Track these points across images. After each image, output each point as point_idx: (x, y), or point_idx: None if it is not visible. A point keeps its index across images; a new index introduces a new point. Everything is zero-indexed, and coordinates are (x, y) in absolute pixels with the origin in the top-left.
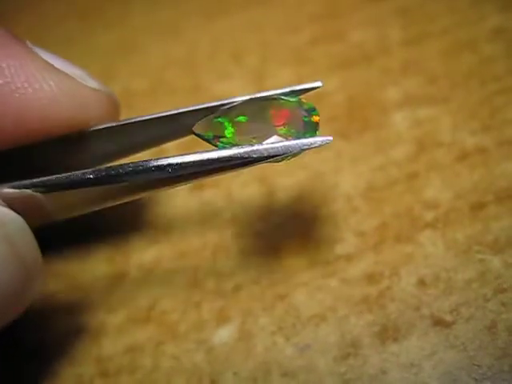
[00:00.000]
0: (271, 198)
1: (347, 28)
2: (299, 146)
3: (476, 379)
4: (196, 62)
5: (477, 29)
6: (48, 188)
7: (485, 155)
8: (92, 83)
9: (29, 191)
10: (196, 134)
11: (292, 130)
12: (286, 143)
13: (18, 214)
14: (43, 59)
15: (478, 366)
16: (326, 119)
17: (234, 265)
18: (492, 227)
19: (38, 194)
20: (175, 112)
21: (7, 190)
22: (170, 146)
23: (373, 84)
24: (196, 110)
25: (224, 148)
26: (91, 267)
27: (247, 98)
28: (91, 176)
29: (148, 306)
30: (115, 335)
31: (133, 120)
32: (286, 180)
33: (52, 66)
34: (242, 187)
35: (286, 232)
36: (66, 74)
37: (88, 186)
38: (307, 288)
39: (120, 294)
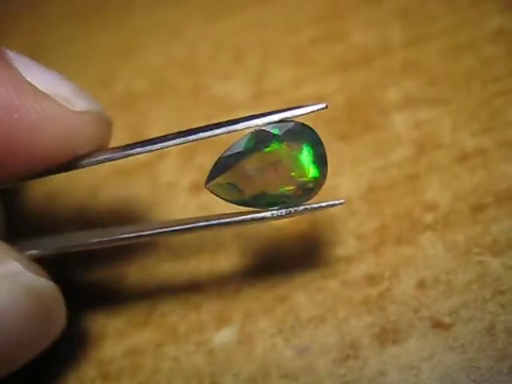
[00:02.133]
0: None
1: (348, 29)
2: (311, 210)
3: (475, 381)
4: (197, 63)
5: (477, 30)
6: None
7: (485, 157)
8: (78, 104)
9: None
10: (210, 191)
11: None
12: (299, 208)
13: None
14: (24, 80)
15: (477, 367)
16: (326, 121)
17: (234, 267)
18: (492, 229)
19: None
20: (168, 144)
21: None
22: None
23: (373, 85)
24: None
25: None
26: (90, 270)
27: (242, 125)
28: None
29: (148, 309)
30: (116, 338)
31: (124, 152)
32: None
33: (34, 88)
34: None
35: (286, 234)
36: (49, 98)
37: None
38: (307, 290)
39: (120, 297)
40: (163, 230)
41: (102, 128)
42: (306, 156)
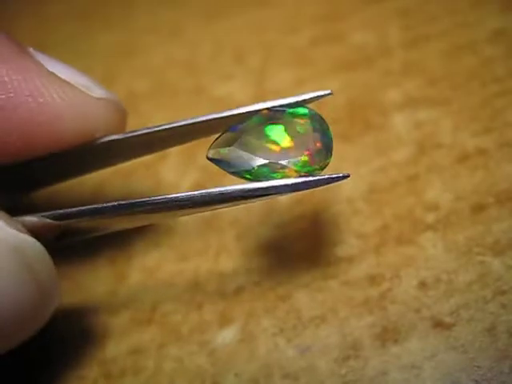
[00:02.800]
0: (272, 200)
1: (348, 29)
2: (318, 183)
3: (476, 381)
4: (198, 63)
5: (477, 30)
6: (70, 218)
7: (485, 157)
8: (97, 92)
9: (48, 220)
10: (210, 159)
11: (303, 160)
12: (306, 180)
13: (37, 239)
14: (46, 69)
15: (478, 367)
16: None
17: (236, 267)
18: (493, 229)
19: (57, 222)
20: (179, 124)
21: (28, 218)
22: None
23: (373, 86)
24: (197, 122)
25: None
26: (93, 270)
27: (253, 109)
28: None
29: (150, 308)
30: (118, 337)
31: (137, 133)
32: None
33: (55, 76)
34: None
35: (288, 234)
36: (70, 85)
37: (107, 217)
38: (308, 289)
39: (122, 297)
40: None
41: (119, 114)
42: (311, 130)
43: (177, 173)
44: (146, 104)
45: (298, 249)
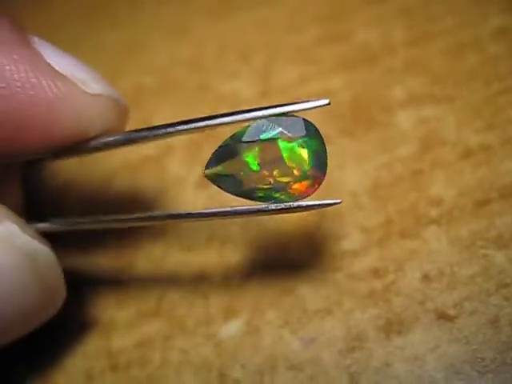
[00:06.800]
0: None
1: (352, 28)
2: (308, 208)
3: (479, 372)
4: (203, 61)
5: (480, 29)
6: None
7: (489, 153)
8: (94, 87)
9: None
10: (208, 178)
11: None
12: (296, 205)
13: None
14: (43, 60)
15: (482, 359)
16: (331, 117)
17: (241, 259)
18: (496, 223)
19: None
20: (182, 128)
21: (42, 225)
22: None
23: (377, 83)
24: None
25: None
26: (100, 262)
27: (246, 116)
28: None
29: (156, 300)
30: (125, 329)
31: (137, 134)
32: None
33: (51, 68)
34: None
35: (293, 227)
36: (64, 78)
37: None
38: (313, 282)
39: (129, 289)
40: (169, 214)
41: (116, 112)
42: (305, 151)
43: (183, 167)
44: (152, 101)
45: (303, 242)
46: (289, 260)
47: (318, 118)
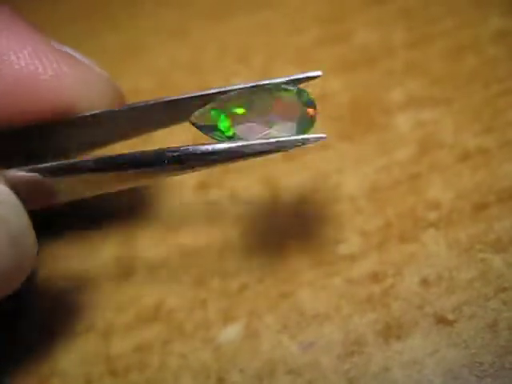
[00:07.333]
0: (275, 199)
1: (351, 30)
2: (292, 143)
3: (478, 376)
4: (202, 63)
5: (479, 31)
6: (53, 173)
7: (487, 156)
8: (99, 71)
9: (35, 174)
10: (193, 124)
11: (288, 124)
12: (279, 140)
13: (19, 194)
14: (37, 36)
15: (480, 363)
16: (330, 120)
17: (240, 264)
18: (494, 227)
19: (44, 178)
20: (173, 98)
21: (14, 173)
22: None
23: (376, 85)
24: (193, 96)
25: (219, 142)
26: (99, 266)
27: (247, 85)
28: (93, 165)
29: (155, 305)
30: (124, 334)
31: (133, 106)
32: (290, 180)
33: (52, 44)
34: (247, 187)
35: (291, 232)
36: (67, 54)
37: (90, 172)
38: (311, 287)
39: (128, 293)
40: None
41: (117, 94)
42: (295, 96)
43: None
44: None
45: (301, 246)
46: (287, 265)
47: (317, 121)
